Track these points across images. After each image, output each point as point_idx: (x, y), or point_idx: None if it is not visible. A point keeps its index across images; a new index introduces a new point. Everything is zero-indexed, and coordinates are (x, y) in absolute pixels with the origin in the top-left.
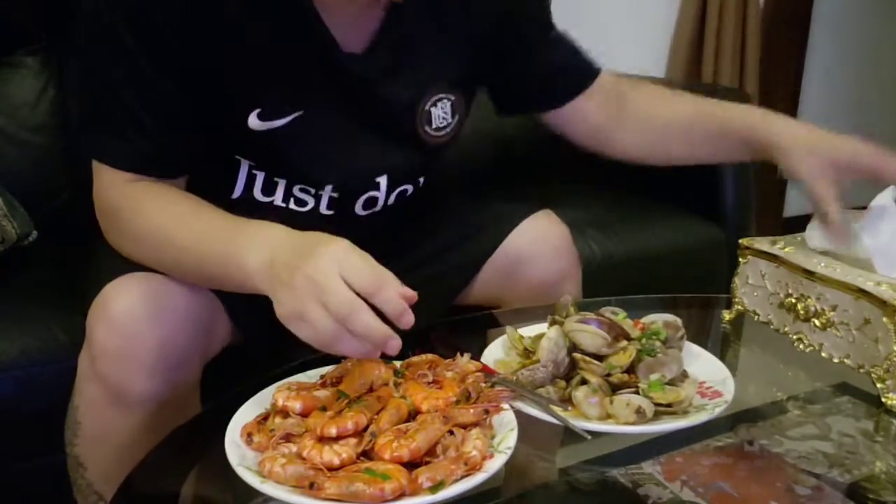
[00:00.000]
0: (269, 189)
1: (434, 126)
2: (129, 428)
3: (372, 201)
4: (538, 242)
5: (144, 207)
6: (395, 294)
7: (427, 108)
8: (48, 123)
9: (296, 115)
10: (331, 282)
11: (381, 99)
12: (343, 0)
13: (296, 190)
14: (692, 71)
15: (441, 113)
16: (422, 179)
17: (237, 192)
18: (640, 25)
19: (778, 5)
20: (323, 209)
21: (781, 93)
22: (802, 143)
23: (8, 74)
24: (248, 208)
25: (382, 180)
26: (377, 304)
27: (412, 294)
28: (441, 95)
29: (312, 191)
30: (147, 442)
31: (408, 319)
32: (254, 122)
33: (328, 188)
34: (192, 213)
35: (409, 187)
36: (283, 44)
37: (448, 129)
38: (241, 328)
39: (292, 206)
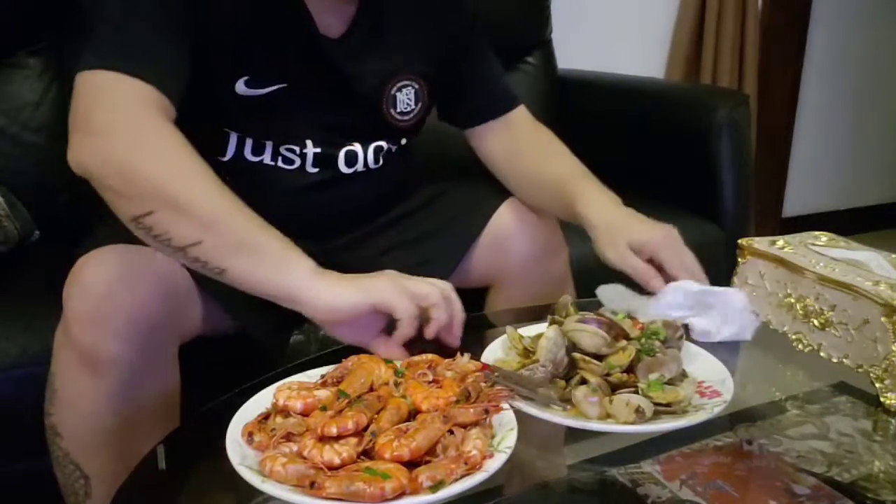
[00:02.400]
0: (258, 150)
1: (399, 110)
2: (101, 393)
3: (352, 156)
4: (521, 220)
5: (172, 142)
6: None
7: (393, 92)
8: (50, 124)
9: (278, 86)
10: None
11: (352, 80)
12: None
13: (283, 150)
14: (691, 72)
15: (405, 98)
16: (403, 140)
17: (229, 154)
18: (639, 26)
19: (776, 7)
20: (309, 167)
21: (780, 94)
22: (604, 224)
23: (10, 75)
24: (239, 169)
25: (357, 142)
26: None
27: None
28: (406, 83)
29: (297, 149)
30: (120, 409)
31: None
32: (241, 87)
33: (309, 143)
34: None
35: (384, 144)
36: (268, 22)
37: (412, 115)
38: (235, 313)
39: (280, 164)
